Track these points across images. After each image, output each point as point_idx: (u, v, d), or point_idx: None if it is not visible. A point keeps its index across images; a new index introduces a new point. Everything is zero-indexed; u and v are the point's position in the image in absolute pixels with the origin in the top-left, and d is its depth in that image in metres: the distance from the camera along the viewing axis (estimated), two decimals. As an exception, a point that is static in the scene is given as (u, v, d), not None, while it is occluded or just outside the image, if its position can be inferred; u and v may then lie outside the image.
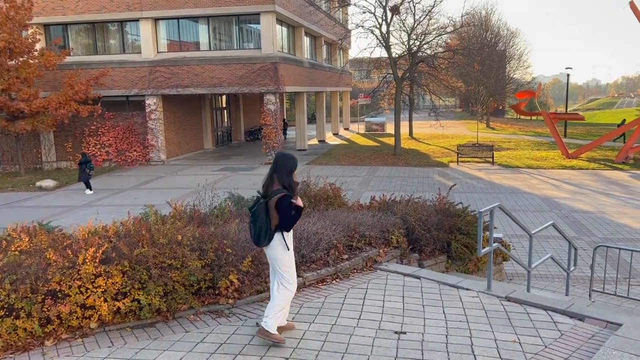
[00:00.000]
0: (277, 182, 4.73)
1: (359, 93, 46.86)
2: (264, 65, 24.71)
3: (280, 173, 4.74)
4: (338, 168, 23.62)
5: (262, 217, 4.68)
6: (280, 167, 4.76)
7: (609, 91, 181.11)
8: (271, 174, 4.79)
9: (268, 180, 4.80)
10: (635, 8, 23.37)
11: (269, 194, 4.73)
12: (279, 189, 4.71)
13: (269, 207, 4.70)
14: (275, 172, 4.76)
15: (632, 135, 25.01)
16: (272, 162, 4.83)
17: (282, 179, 4.73)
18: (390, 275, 6.77)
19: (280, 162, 4.79)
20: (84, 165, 18.80)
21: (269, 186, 4.77)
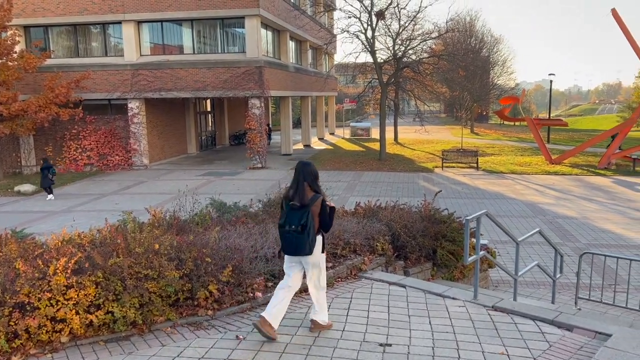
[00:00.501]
0: (309, 189, 4.88)
1: (345, 98, 46.84)
2: (248, 69, 24.51)
3: (310, 180, 4.91)
4: (323, 173, 23.46)
5: (309, 225, 4.73)
6: (307, 174, 4.91)
7: (590, 97, 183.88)
8: (298, 183, 4.89)
9: (298, 189, 4.87)
10: (617, 16, 23.65)
11: (308, 201, 4.81)
12: (314, 194, 4.86)
13: (313, 214, 4.79)
14: (305, 180, 4.88)
15: (614, 142, 25.27)
16: (296, 172, 4.95)
17: (314, 185, 4.92)
18: (375, 283, 6.62)
19: (305, 170, 4.93)
20: (46, 170, 18.29)
21: (303, 194, 4.84)
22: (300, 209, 4.80)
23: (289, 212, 4.86)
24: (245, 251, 6.11)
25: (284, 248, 4.91)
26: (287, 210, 4.88)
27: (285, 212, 4.90)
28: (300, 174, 4.91)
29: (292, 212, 4.83)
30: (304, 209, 4.78)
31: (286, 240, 4.85)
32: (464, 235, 8.57)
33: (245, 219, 7.76)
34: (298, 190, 4.86)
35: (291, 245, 4.83)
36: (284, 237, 4.86)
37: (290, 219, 4.80)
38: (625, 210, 16.00)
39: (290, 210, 4.85)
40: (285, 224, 4.82)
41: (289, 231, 4.79)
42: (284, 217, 4.88)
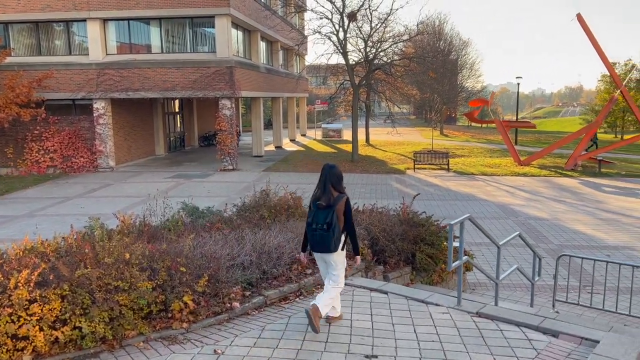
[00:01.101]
0: (335, 190, 5.21)
1: (316, 99, 46.66)
2: (218, 70, 24.08)
3: (335, 181, 5.24)
4: (296, 175, 23.22)
5: (334, 224, 5.04)
6: (333, 177, 5.24)
7: (553, 100, 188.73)
8: (325, 185, 5.21)
9: (325, 190, 5.19)
10: (582, 20, 24.16)
11: (333, 201, 5.13)
12: (338, 194, 5.20)
13: (338, 212, 5.12)
14: (331, 182, 5.21)
15: (580, 143, 25.82)
16: (322, 175, 5.27)
17: (339, 186, 5.26)
18: (357, 290, 6.43)
19: (332, 173, 5.25)
20: None
21: (328, 195, 5.16)
22: (326, 208, 5.12)
23: (316, 212, 5.17)
24: (222, 259, 5.85)
25: (311, 245, 5.24)
26: (315, 209, 5.19)
27: (313, 211, 5.21)
28: (326, 176, 5.24)
29: (319, 211, 5.15)
30: (330, 209, 5.10)
31: (313, 237, 5.17)
32: (441, 238, 8.57)
33: (220, 224, 7.47)
34: (324, 191, 5.19)
35: (317, 243, 5.15)
36: (312, 235, 5.17)
37: (317, 218, 5.13)
38: (594, 211, 16.28)
39: (317, 209, 5.16)
40: (313, 222, 5.15)
41: (316, 229, 5.11)
42: (311, 216, 5.21)
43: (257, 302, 5.77)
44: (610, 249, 12.06)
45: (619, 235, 13.35)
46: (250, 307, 5.67)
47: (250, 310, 5.66)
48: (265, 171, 24.30)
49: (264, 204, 8.72)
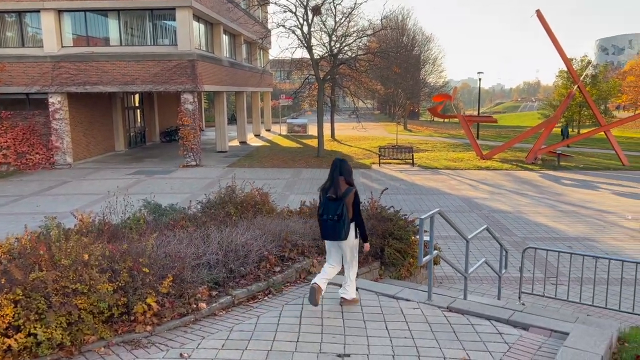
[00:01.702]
0: (344, 182, 5.50)
1: (281, 94, 46.32)
2: (180, 63, 23.54)
3: (347, 174, 5.57)
4: (261, 171, 22.96)
5: (344, 215, 5.34)
6: (344, 170, 5.56)
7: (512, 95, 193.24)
8: (334, 177, 5.51)
9: (334, 182, 5.49)
10: (542, 17, 24.67)
11: (342, 194, 5.42)
12: (348, 187, 5.49)
13: (347, 204, 5.41)
14: (342, 174, 5.52)
15: (540, 137, 26.43)
16: (333, 168, 5.58)
17: (349, 179, 5.57)
18: (327, 287, 6.30)
19: (343, 166, 5.58)
20: None
21: (337, 187, 5.46)
22: (335, 200, 5.41)
23: (326, 203, 5.48)
24: (187, 258, 5.63)
25: (323, 234, 5.57)
26: (325, 201, 5.49)
27: (323, 202, 5.51)
28: (336, 169, 5.55)
29: (328, 203, 5.45)
30: (340, 201, 5.39)
31: (325, 227, 5.49)
32: (410, 233, 8.54)
33: (185, 222, 7.23)
34: (334, 184, 5.49)
35: (329, 232, 5.47)
36: (323, 225, 5.50)
37: (327, 209, 5.43)
38: (554, 203, 16.67)
39: (327, 201, 5.47)
40: (324, 213, 5.46)
41: (327, 220, 5.43)
42: (322, 207, 5.51)
43: (225, 302, 5.58)
44: (571, 241, 12.34)
45: (579, 226, 13.69)
46: (217, 308, 5.48)
47: (217, 310, 5.47)
48: (229, 167, 23.93)
49: (230, 201, 8.51)
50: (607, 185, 19.75)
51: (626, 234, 12.98)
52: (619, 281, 8.77)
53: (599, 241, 12.27)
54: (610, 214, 15.09)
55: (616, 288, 8.23)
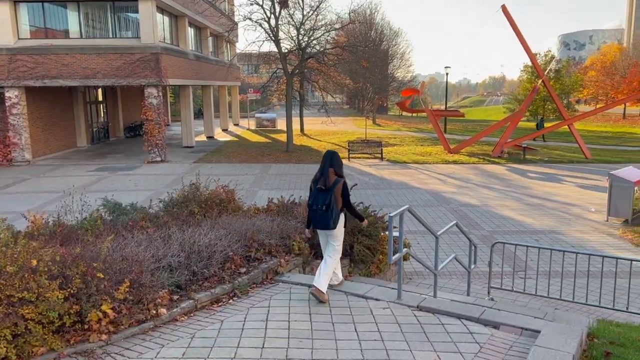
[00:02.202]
0: (334, 173, 5.73)
1: (249, 88, 45.74)
2: (144, 56, 22.88)
3: (337, 166, 5.80)
4: (229, 166, 22.56)
5: (332, 205, 5.59)
6: (335, 161, 5.80)
7: (478, 90, 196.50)
8: (325, 168, 5.73)
9: (323, 173, 5.72)
10: (507, 12, 24.93)
11: (331, 185, 5.66)
12: (336, 178, 5.73)
13: (336, 194, 5.65)
14: (332, 166, 5.75)
15: (506, 131, 26.79)
16: (324, 159, 5.81)
17: (339, 170, 5.82)
18: (294, 287, 6.12)
19: (334, 158, 5.82)
20: None
21: (327, 178, 5.69)
22: (324, 191, 5.65)
23: (316, 194, 5.72)
24: (146, 262, 5.34)
25: (314, 223, 5.86)
26: (315, 191, 5.73)
27: (313, 193, 5.75)
28: (327, 160, 5.78)
29: (318, 193, 5.69)
30: (329, 191, 5.63)
31: (315, 217, 5.77)
32: (379, 229, 8.41)
33: (145, 222, 6.90)
34: (323, 175, 5.72)
35: (319, 221, 5.73)
36: (313, 215, 5.78)
37: (316, 200, 5.69)
38: (521, 197, 16.86)
39: (317, 192, 5.70)
40: (314, 203, 5.72)
41: (317, 210, 5.68)
42: (312, 198, 5.77)
43: (187, 307, 5.32)
44: (538, 234, 12.46)
45: (545, 219, 13.85)
46: (178, 313, 5.22)
47: (178, 316, 5.20)
48: (196, 162, 23.45)
49: (194, 199, 8.20)
50: (571, 178, 20.12)
51: (591, 226, 13.20)
52: (586, 274, 8.85)
53: (565, 234, 12.42)
54: (574, 207, 15.34)
55: (583, 281, 8.30)
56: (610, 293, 8.02)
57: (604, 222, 13.47)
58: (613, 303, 7.34)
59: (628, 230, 12.45)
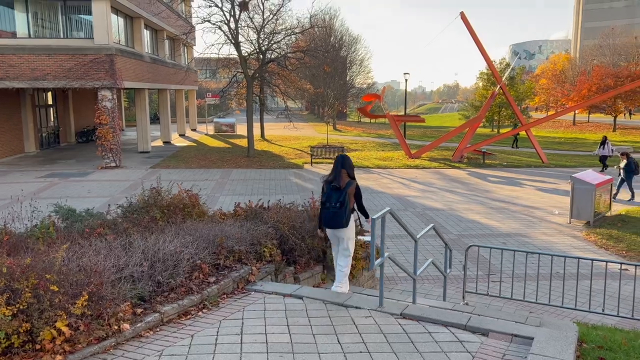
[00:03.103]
0: (347, 175, 6.03)
1: (207, 92, 44.82)
2: (97, 57, 21.91)
3: (349, 168, 6.11)
4: (188, 171, 21.84)
5: (346, 203, 5.75)
6: (347, 164, 6.12)
7: (433, 97, 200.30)
8: (338, 170, 6.03)
9: (337, 175, 6.01)
10: (465, 19, 25.29)
11: (345, 185, 5.91)
12: (349, 180, 6.01)
13: (349, 195, 5.87)
14: (344, 167, 6.06)
15: (465, 137, 27.14)
16: (336, 162, 6.12)
17: (351, 172, 6.10)
18: (268, 297, 5.71)
19: (345, 161, 6.15)
20: None
21: (340, 179, 5.97)
22: (339, 189, 5.89)
23: (329, 192, 5.96)
24: (106, 272, 4.82)
25: (326, 222, 6.02)
26: (328, 191, 5.98)
27: (327, 193, 5.99)
28: (339, 163, 6.11)
29: (332, 192, 5.93)
30: (342, 190, 5.85)
31: (327, 215, 5.96)
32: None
33: (103, 229, 6.35)
34: (337, 175, 6.00)
35: (331, 220, 5.92)
36: (326, 213, 5.97)
37: (330, 198, 5.91)
38: (484, 200, 16.96)
39: (331, 190, 5.95)
40: (327, 201, 5.94)
41: (329, 207, 5.90)
42: (325, 197, 6.01)
43: (152, 321, 4.83)
44: (504, 237, 12.46)
45: (510, 222, 13.91)
46: (143, 328, 4.72)
47: (143, 331, 4.71)
48: (153, 168, 22.60)
49: (155, 204, 7.67)
50: (531, 182, 20.46)
51: (554, 228, 13.32)
52: (559, 276, 8.82)
53: (531, 236, 12.48)
54: (537, 210, 15.52)
55: (557, 283, 8.24)
56: (583, 295, 7.99)
57: (566, 225, 13.64)
58: (589, 305, 7.27)
59: (591, 232, 12.62)
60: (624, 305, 7.58)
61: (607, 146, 22.17)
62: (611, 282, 8.49)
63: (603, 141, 22.65)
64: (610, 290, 8.08)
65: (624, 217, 13.91)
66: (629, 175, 16.28)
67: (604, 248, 11.48)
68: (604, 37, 59.01)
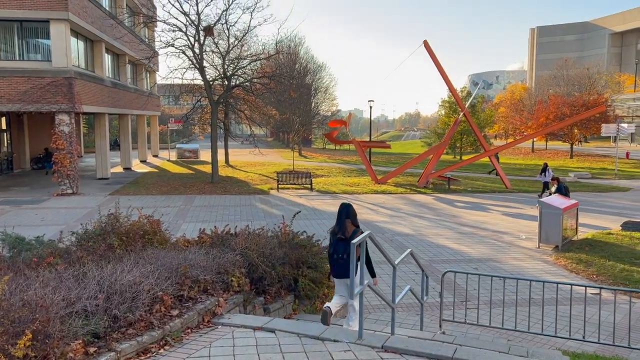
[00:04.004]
0: (351, 224, 6.23)
1: (170, 118, 44.04)
2: (55, 80, 21.13)
3: (353, 218, 6.35)
4: (149, 198, 21.06)
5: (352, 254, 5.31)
6: (351, 213, 6.33)
7: (395, 125, 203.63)
8: (343, 220, 6.26)
9: (342, 226, 6.23)
10: (429, 47, 25.71)
11: (350, 235, 6.03)
12: (355, 228, 6.22)
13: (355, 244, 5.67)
14: (349, 217, 6.29)
15: (430, 163, 27.31)
16: (340, 212, 6.33)
17: (355, 221, 6.35)
18: (237, 331, 5.24)
19: (349, 209, 6.36)
20: None
21: (345, 229, 6.17)
22: (344, 240, 6.00)
23: (335, 243, 6.16)
24: (54, 306, 4.28)
25: (334, 273, 6.28)
26: (335, 242, 6.17)
27: (333, 243, 6.21)
28: (343, 213, 6.31)
29: (338, 243, 6.11)
30: (348, 241, 5.82)
31: (336, 266, 6.17)
32: (324, 260, 7.73)
33: (54, 258, 5.77)
34: (341, 226, 6.21)
35: (340, 270, 6.09)
36: (334, 264, 6.20)
37: (337, 249, 6.11)
38: (452, 225, 16.86)
39: (337, 241, 6.13)
40: (334, 253, 6.15)
41: (337, 259, 6.10)
42: (332, 248, 6.23)
43: (107, 361, 4.29)
44: (476, 262, 12.29)
45: (480, 247, 13.79)
46: (96, 370, 4.18)
47: (96, 373, 4.17)
48: (112, 195, 21.72)
49: (113, 230, 7.12)
50: (497, 207, 20.57)
51: (524, 253, 13.26)
52: (536, 302, 8.62)
53: (502, 262, 12.35)
54: (505, 234, 15.49)
55: (534, 308, 8.02)
56: (561, 321, 7.80)
57: (536, 249, 13.60)
58: (569, 332, 7.05)
59: (560, 257, 12.59)
60: (601, 331, 7.41)
61: (547, 173, 22.57)
62: (588, 308, 8.33)
63: (544, 168, 23.18)
64: (587, 316, 7.91)
65: (590, 242, 13.99)
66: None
67: (574, 272, 11.43)
68: (558, 68, 61.38)
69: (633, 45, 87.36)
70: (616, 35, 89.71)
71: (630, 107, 60.79)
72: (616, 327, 7.39)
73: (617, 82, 62.66)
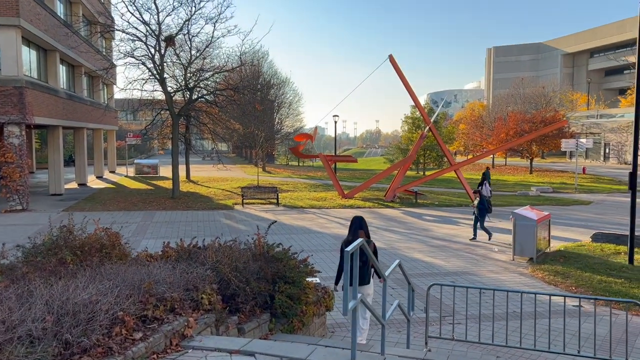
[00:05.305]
0: (364, 235, 6.96)
1: (128, 133, 42.60)
2: (4, 90, 19.90)
3: (366, 228, 7.23)
4: (106, 214, 19.91)
5: (368, 261, 6.23)
6: (364, 224, 7.26)
7: (357, 142, 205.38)
8: (356, 231, 7.08)
9: (356, 235, 6.80)
10: (394, 61, 25.67)
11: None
12: (368, 239, 6.74)
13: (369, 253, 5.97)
14: (362, 228, 7.16)
15: (396, 177, 27.12)
16: (353, 223, 7.24)
17: (367, 231, 7.17)
18: (211, 355, 4.57)
19: (362, 221, 7.27)
20: None
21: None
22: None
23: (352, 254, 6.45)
24: (-11, 332, 3.53)
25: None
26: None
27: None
28: (357, 224, 7.09)
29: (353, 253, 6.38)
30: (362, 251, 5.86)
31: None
32: (302, 274, 7.13)
33: (-7, 275, 4.96)
34: (355, 237, 6.61)
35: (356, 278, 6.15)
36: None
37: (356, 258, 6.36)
38: (424, 238, 16.52)
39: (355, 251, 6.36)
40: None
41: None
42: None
43: (55, 398, 3.56)
44: (452, 275, 11.90)
45: (455, 261, 13.44)
46: (41, 409, 3.44)
47: (41, 413, 3.43)
48: (65, 211, 20.46)
49: (66, 244, 6.33)
50: (466, 220, 20.39)
51: (500, 266, 12.98)
52: (523, 315, 8.22)
53: (479, 274, 12.00)
54: (477, 247, 15.23)
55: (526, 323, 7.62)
56: (553, 334, 7.42)
57: (510, 262, 13.35)
58: (563, 347, 6.65)
59: (536, 269, 12.35)
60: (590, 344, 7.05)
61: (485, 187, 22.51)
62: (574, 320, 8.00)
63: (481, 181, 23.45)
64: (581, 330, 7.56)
65: (564, 253, 13.85)
66: (482, 213, 16.17)
67: (553, 284, 11.17)
68: (515, 87, 63.07)
69: (584, 66, 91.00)
70: (568, 56, 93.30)
71: (584, 124, 62.89)
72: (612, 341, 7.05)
73: (571, 100, 64.83)
